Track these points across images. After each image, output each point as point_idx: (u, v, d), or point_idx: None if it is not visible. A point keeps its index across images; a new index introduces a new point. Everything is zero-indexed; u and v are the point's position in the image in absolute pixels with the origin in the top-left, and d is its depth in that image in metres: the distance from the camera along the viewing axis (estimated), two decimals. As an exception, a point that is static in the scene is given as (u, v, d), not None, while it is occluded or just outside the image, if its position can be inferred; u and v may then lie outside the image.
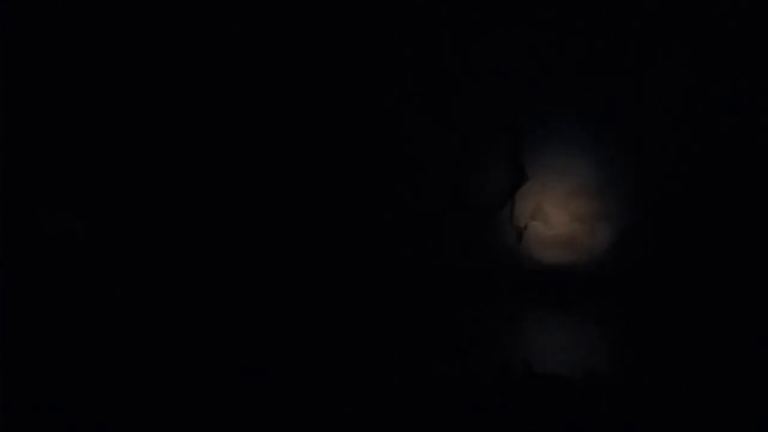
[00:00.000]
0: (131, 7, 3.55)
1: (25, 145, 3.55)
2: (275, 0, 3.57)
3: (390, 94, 3.66)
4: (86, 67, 3.60)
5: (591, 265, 3.72)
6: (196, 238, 3.70)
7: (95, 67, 3.61)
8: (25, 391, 2.88)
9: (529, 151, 3.70)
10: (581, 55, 3.58)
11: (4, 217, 3.40)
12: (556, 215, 3.75)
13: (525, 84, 3.62)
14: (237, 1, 3.57)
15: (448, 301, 3.64)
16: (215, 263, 3.68)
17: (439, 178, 3.73)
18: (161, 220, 3.69)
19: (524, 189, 3.73)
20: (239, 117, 3.67)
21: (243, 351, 3.19)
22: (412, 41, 3.61)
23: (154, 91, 3.64)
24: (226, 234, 3.71)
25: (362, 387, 2.93)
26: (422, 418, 2.72)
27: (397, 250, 3.74)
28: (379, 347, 3.28)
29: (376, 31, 3.60)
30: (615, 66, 3.58)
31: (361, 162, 3.70)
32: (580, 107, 3.62)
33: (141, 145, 3.66)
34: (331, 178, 3.71)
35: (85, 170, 3.66)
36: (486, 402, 2.76)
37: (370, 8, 3.58)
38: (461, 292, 3.68)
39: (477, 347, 3.27)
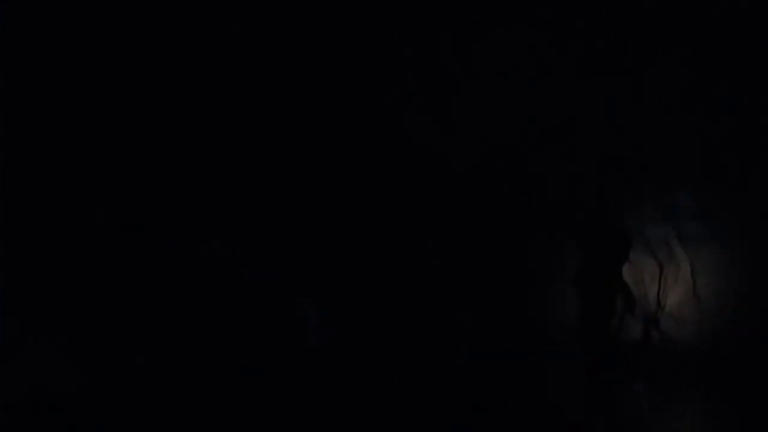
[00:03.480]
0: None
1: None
2: (275, 0, 3.58)
3: (390, 94, 3.67)
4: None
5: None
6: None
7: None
8: (25, 391, 2.88)
9: (528, 153, 3.70)
10: (581, 55, 3.58)
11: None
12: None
13: (525, 84, 3.62)
14: (237, 1, 3.58)
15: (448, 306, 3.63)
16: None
17: (439, 179, 3.72)
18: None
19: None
20: (239, 118, 3.68)
21: (243, 350, 3.19)
22: (412, 41, 3.62)
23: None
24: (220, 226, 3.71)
25: (363, 387, 2.93)
26: (422, 420, 2.72)
27: (395, 252, 3.74)
28: (380, 348, 3.28)
29: (376, 31, 3.61)
30: (615, 66, 3.58)
31: (360, 162, 3.70)
32: (580, 107, 3.62)
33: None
34: (330, 179, 3.71)
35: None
36: None
37: (370, 8, 3.59)
38: (463, 297, 3.67)
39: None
